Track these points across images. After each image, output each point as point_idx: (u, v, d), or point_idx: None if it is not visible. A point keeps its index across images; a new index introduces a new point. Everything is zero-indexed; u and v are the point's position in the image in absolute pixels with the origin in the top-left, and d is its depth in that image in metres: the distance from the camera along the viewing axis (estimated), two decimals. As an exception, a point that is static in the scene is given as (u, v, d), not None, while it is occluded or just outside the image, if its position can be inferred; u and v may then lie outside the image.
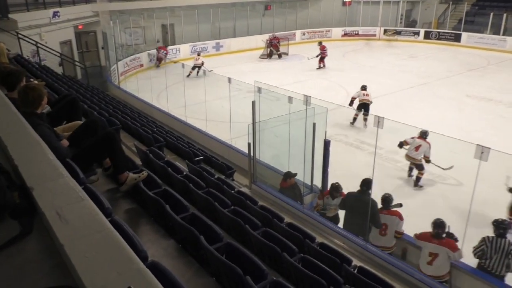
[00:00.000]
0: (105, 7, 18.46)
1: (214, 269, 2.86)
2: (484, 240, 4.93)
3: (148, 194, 3.35)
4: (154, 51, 19.16)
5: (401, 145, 8.69)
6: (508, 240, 4.85)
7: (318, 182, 6.91)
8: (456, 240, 5.01)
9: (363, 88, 11.80)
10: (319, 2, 27.72)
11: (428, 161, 8.25)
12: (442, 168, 8.41)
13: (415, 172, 8.48)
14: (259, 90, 7.25)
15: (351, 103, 11.68)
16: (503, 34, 22.98)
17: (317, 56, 18.70)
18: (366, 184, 5.58)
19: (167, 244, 3.15)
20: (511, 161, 5.07)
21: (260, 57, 21.73)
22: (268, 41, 21.72)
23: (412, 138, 8.47)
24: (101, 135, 3.49)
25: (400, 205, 5.71)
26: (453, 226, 5.12)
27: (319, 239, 4.52)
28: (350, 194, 5.84)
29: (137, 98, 13.13)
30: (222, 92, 9.94)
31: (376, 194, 5.69)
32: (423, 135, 8.29)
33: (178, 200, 3.50)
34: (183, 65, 11.85)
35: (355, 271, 3.83)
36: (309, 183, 7.06)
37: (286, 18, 25.76)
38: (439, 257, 4.89)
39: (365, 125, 11.48)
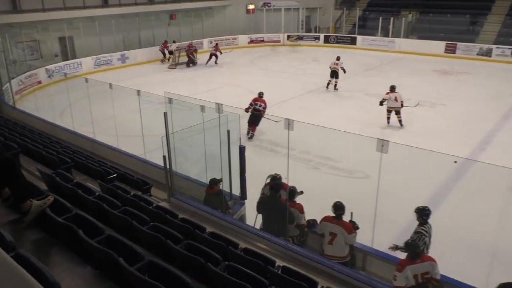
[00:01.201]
0: (-10, 21, 16.82)
1: (137, 290, 2.75)
2: (422, 234, 5.15)
3: (57, 221, 3.13)
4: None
5: (381, 103, 11.97)
6: (430, 224, 5.22)
7: (236, 189, 6.99)
8: (357, 227, 5.34)
9: (337, 58, 16.22)
10: (224, 10, 28.12)
11: (402, 105, 11.83)
12: (411, 107, 12.46)
13: (392, 120, 11.97)
14: (170, 101, 7.13)
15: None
16: (392, 36, 25.36)
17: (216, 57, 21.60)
18: (275, 186, 5.83)
19: (84, 271, 2.97)
20: (408, 151, 5.62)
21: (169, 67, 21.41)
22: (176, 50, 21.58)
23: (387, 93, 11.94)
24: (-4, 163, 3.18)
25: (301, 192, 6.03)
26: (362, 216, 5.47)
27: (242, 245, 4.57)
28: (263, 197, 6.02)
29: (37, 118, 12.12)
30: (132, 105, 9.61)
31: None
32: (393, 88, 12.04)
33: (92, 223, 3.31)
34: (86, 80, 11.23)
35: (279, 272, 3.94)
36: (228, 190, 7.11)
37: (192, 27, 25.71)
38: (337, 237, 5.20)
39: (335, 88, 16.16)
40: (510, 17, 23.32)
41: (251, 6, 29.13)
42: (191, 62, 21.75)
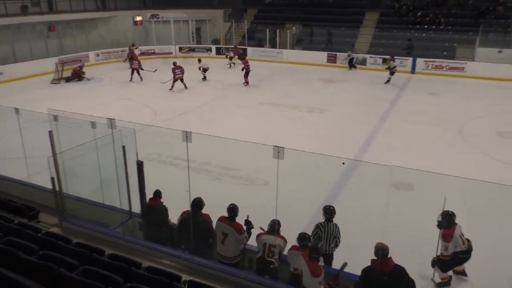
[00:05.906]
0: None
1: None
2: (318, 226, 5.68)
3: None
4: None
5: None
6: (334, 223, 5.68)
7: (137, 206, 6.71)
8: (252, 227, 5.59)
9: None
10: (109, 22, 26.96)
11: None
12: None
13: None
14: (55, 118, 6.59)
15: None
16: (279, 47, 26.75)
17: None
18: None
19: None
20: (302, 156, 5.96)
21: (51, 82, 19.80)
22: (58, 64, 20.07)
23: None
24: None
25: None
26: (265, 220, 5.64)
27: (146, 264, 4.40)
28: (183, 216, 5.95)
29: None
30: (10, 126, 8.66)
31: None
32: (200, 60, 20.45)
33: (-32, 260, 2.91)
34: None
35: (186, 286, 3.87)
36: (127, 209, 6.79)
37: (75, 39, 24.15)
38: (228, 237, 5.42)
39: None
40: (378, 30, 26.20)
41: (138, 18, 28.38)
42: (80, 77, 20.49)
